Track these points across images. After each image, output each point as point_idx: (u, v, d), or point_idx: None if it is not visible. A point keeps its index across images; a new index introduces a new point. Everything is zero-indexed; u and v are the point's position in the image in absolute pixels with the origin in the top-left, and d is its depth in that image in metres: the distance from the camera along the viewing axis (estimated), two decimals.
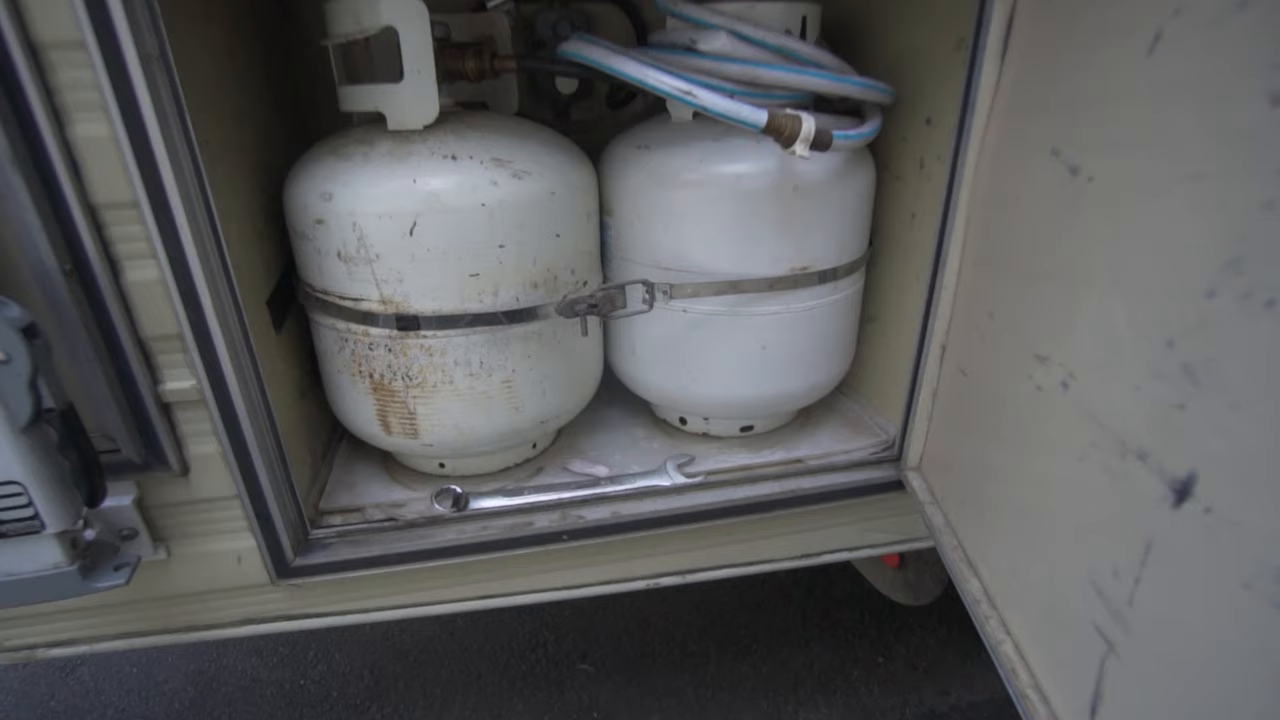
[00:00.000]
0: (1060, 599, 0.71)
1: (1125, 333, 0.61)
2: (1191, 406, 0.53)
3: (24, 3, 0.68)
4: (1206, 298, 0.52)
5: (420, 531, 1.05)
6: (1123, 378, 0.61)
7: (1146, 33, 0.59)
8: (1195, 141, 0.54)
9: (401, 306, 0.94)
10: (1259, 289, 0.48)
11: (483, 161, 0.92)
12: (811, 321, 1.12)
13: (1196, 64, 0.54)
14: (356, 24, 0.91)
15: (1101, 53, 0.66)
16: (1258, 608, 0.47)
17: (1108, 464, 0.62)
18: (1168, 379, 0.55)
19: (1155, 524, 0.57)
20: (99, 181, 0.76)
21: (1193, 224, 0.54)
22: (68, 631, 1.04)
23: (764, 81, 0.94)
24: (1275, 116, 0.47)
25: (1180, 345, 0.54)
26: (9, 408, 0.73)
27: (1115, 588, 0.61)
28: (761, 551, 1.22)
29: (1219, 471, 0.51)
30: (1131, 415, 0.60)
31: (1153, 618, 0.58)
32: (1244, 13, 0.50)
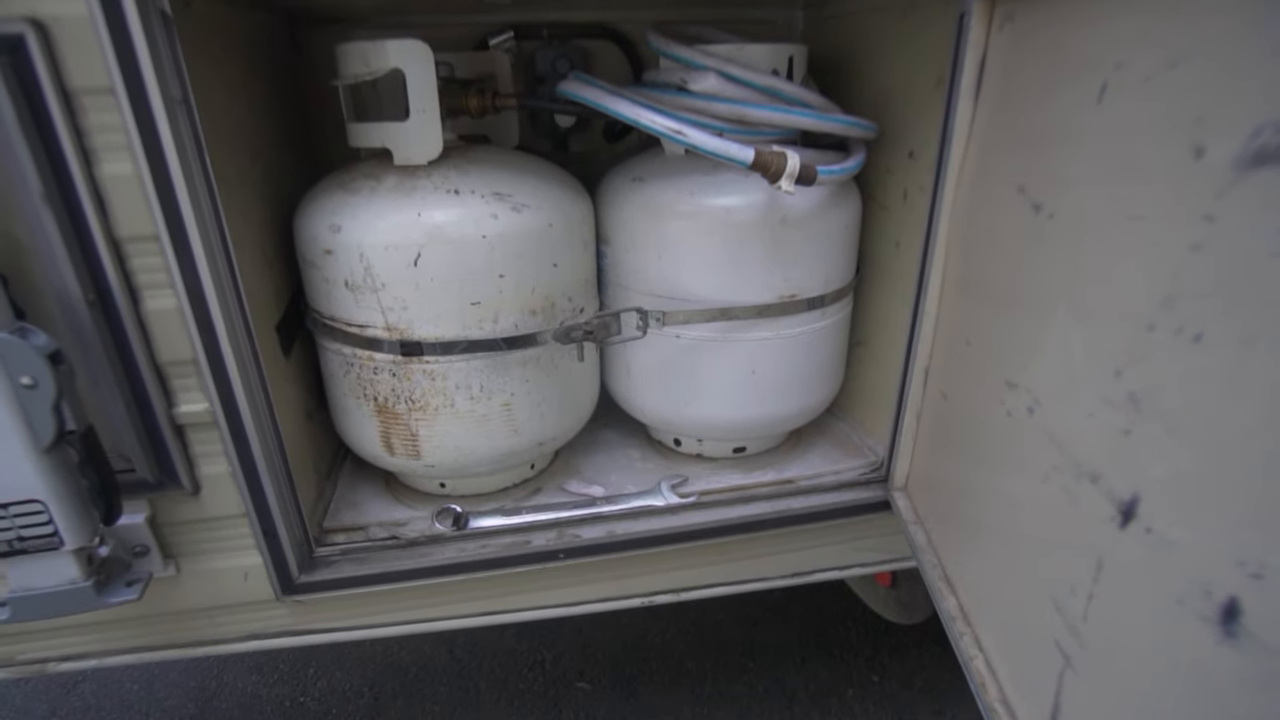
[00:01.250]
0: (1026, 615, 0.74)
1: (1082, 361, 0.65)
2: (1135, 432, 0.57)
3: (60, 53, 0.73)
4: (1147, 331, 0.56)
5: (421, 550, 1.09)
6: (1079, 404, 0.65)
7: (1095, 83, 0.64)
8: (1135, 185, 0.59)
9: (406, 333, 0.98)
10: (1189, 324, 0.52)
11: (484, 195, 0.97)
12: (800, 346, 1.16)
13: (1136, 114, 0.59)
14: (366, 66, 0.97)
15: (1058, 97, 0.71)
16: (1188, 623, 0.51)
17: (1066, 486, 0.66)
18: (1116, 406, 0.59)
19: (1105, 543, 0.60)
20: (122, 216, 0.81)
21: (1135, 261, 0.58)
22: (77, 646, 1.07)
23: (751, 120, 1.00)
24: (1199, 166, 0.51)
25: (1126, 375, 0.58)
26: (34, 429, 0.77)
27: (1072, 604, 0.65)
28: (754, 570, 1.25)
29: (1158, 494, 0.55)
30: (1086, 440, 0.64)
31: (1103, 633, 0.62)
32: (1174, 70, 0.55)
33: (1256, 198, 0.47)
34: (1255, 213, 0.47)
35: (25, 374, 0.75)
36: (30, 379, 0.76)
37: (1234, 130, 0.48)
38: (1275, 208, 0.46)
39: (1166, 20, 0.56)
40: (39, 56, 0.72)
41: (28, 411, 0.76)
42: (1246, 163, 0.47)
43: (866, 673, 1.91)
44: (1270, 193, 0.46)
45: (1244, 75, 0.49)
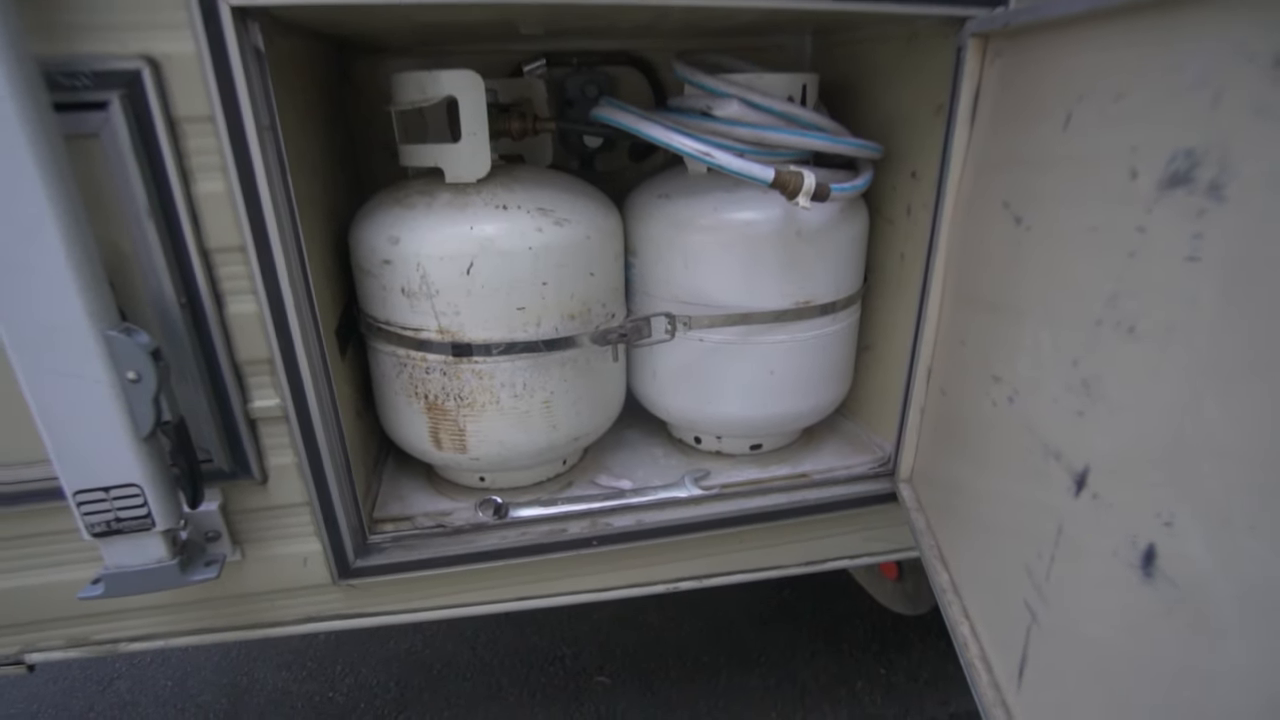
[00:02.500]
0: (1003, 582, 0.84)
1: (1048, 354, 0.75)
2: (1087, 413, 0.67)
3: (168, 85, 0.83)
4: (1096, 325, 0.66)
5: (466, 537, 1.17)
6: (1047, 392, 0.75)
7: (1063, 113, 0.74)
8: (1091, 200, 0.69)
9: (457, 336, 1.08)
10: (1126, 318, 0.62)
11: (529, 211, 1.07)
12: (814, 349, 1.25)
13: (1091, 140, 0.70)
14: (421, 93, 1.07)
15: (1036, 124, 0.82)
16: (1120, 570, 0.60)
17: (1037, 465, 0.76)
18: (1073, 391, 0.69)
19: (1064, 510, 0.70)
20: (213, 229, 0.90)
21: (1089, 266, 0.69)
22: (146, 628, 1.15)
23: (770, 142, 1.10)
24: (1134, 186, 0.61)
25: (1081, 364, 0.68)
26: (136, 419, 0.87)
27: (1039, 567, 0.74)
28: (771, 558, 1.33)
29: (1102, 464, 0.65)
30: (1051, 422, 0.74)
31: (1060, 589, 0.71)
32: (1118, 104, 0.65)
33: (1173, 213, 0.57)
34: (1173, 225, 0.57)
35: (131, 369, 0.85)
36: (135, 373, 0.85)
37: (1157, 157, 0.59)
38: (1185, 221, 0.56)
39: (1113, 60, 0.67)
40: (151, 89, 0.82)
41: (131, 403, 0.86)
42: (1165, 184, 0.58)
43: (874, 666, 1.99)
44: (1181, 209, 0.56)
45: (1165, 111, 0.60)
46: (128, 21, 0.80)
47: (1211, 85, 0.54)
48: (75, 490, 0.88)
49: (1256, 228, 0.50)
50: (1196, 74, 0.55)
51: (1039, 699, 0.75)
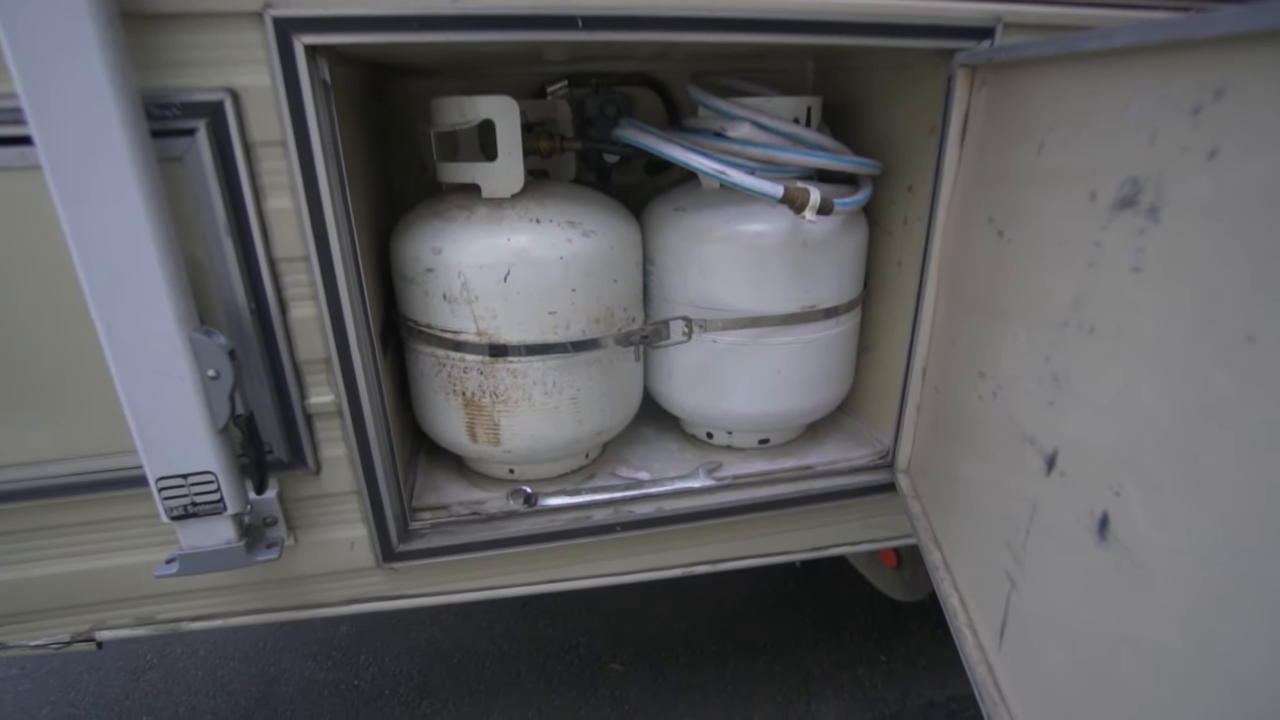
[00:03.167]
0: (987, 556, 0.94)
1: (1025, 352, 0.85)
2: (1056, 402, 0.78)
3: (246, 114, 0.93)
4: (1063, 326, 0.76)
5: (499, 524, 1.27)
6: (1023, 385, 0.85)
7: (1037, 139, 0.85)
8: (1059, 217, 0.80)
9: (494, 338, 1.18)
10: (1086, 320, 0.73)
11: (560, 223, 1.17)
12: (818, 350, 1.36)
13: (1060, 164, 0.80)
14: (461, 116, 1.17)
15: (1016, 147, 0.92)
16: (1081, 536, 0.71)
17: (1015, 450, 0.86)
18: (1045, 384, 0.80)
19: (1037, 489, 0.80)
20: (281, 241, 1.00)
21: (1058, 275, 0.79)
22: (205, 608, 1.24)
23: (779, 161, 1.20)
24: (1093, 206, 0.72)
25: (1051, 360, 0.79)
26: (213, 413, 0.97)
27: (1016, 539, 0.85)
28: (778, 544, 1.43)
29: (1068, 446, 0.76)
30: (1028, 412, 0.84)
31: (1034, 558, 0.82)
32: (1080, 134, 0.76)
33: (1122, 230, 0.68)
34: (1122, 241, 0.68)
35: (211, 367, 0.95)
36: (214, 371, 0.95)
37: (1110, 182, 0.70)
38: (1131, 237, 0.66)
39: (1076, 97, 0.78)
40: (231, 117, 0.92)
41: (210, 398, 0.96)
42: (1117, 205, 0.68)
43: (875, 653, 2.08)
44: (1128, 227, 0.67)
45: (1115, 143, 0.70)
46: (214, 58, 0.90)
47: (1149, 125, 0.65)
48: (158, 477, 0.98)
49: (1181, 244, 0.61)
50: (1138, 115, 0.66)
51: (1016, 655, 0.86)
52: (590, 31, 0.96)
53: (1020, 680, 0.85)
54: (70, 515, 1.11)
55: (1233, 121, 0.56)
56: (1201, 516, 0.58)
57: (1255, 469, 0.53)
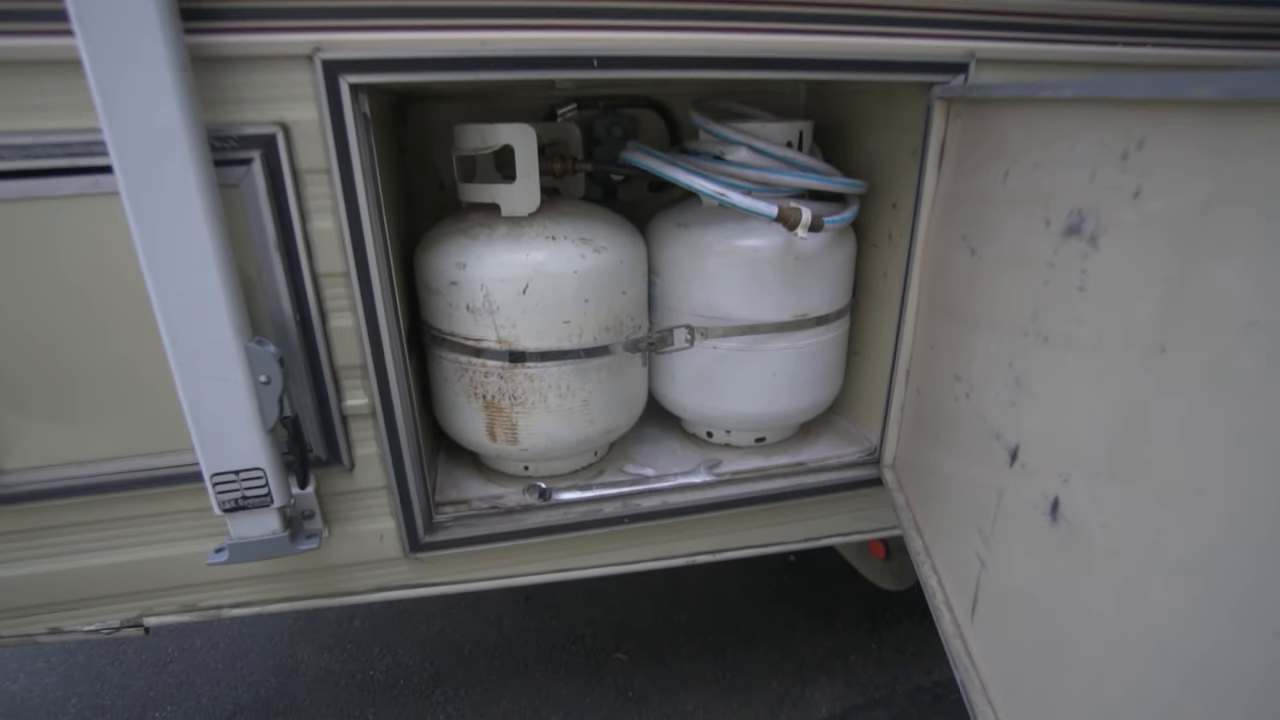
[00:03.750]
0: (961, 541, 1.05)
1: (993, 358, 0.97)
2: (1018, 403, 0.89)
3: (295, 145, 1.04)
4: (1024, 335, 0.88)
5: (516, 516, 1.38)
6: (991, 387, 0.96)
7: (1003, 168, 0.96)
8: (1020, 239, 0.91)
9: (514, 345, 1.28)
10: (1043, 331, 0.84)
11: (573, 240, 1.28)
12: (810, 355, 1.47)
13: (1021, 192, 0.92)
14: (483, 142, 1.28)
15: (986, 174, 1.04)
16: (1037, 519, 0.82)
17: (985, 446, 0.97)
18: (1009, 387, 0.91)
19: (1002, 479, 0.92)
20: (323, 258, 1.11)
21: (1019, 290, 0.90)
22: (244, 596, 1.34)
23: (773, 183, 1.32)
24: (1048, 231, 0.83)
25: (1014, 365, 0.90)
26: (264, 415, 1.07)
27: (985, 524, 0.96)
28: (774, 535, 1.54)
29: (1028, 442, 0.87)
30: (994, 411, 0.95)
31: (1000, 540, 0.93)
32: (1038, 168, 0.87)
33: (1070, 254, 0.79)
34: (1070, 262, 0.79)
35: (263, 373, 1.05)
36: (266, 377, 1.05)
37: (1061, 211, 0.81)
38: (1076, 260, 0.78)
39: (1034, 135, 0.89)
40: (283, 147, 1.03)
41: (261, 401, 1.06)
42: (1066, 232, 0.80)
43: (867, 641, 2.20)
44: (1075, 251, 0.78)
45: (1064, 178, 0.82)
46: (269, 96, 1.00)
47: (1089, 165, 0.76)
48: (213, 473, 1.08)
49: (1113, 268, 0.72)
50: (1081, 155, 0.77)
51: (985, 627, 0.97)
52: (604, 71, 1.07)
53: (988, 649, 0.96)
54: (123, 509, 1.21)
55: (1151, 167, 0.68)
56: (1130, 497, 0.69)
57: (1169, 457, 0.64)
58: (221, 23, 0.95)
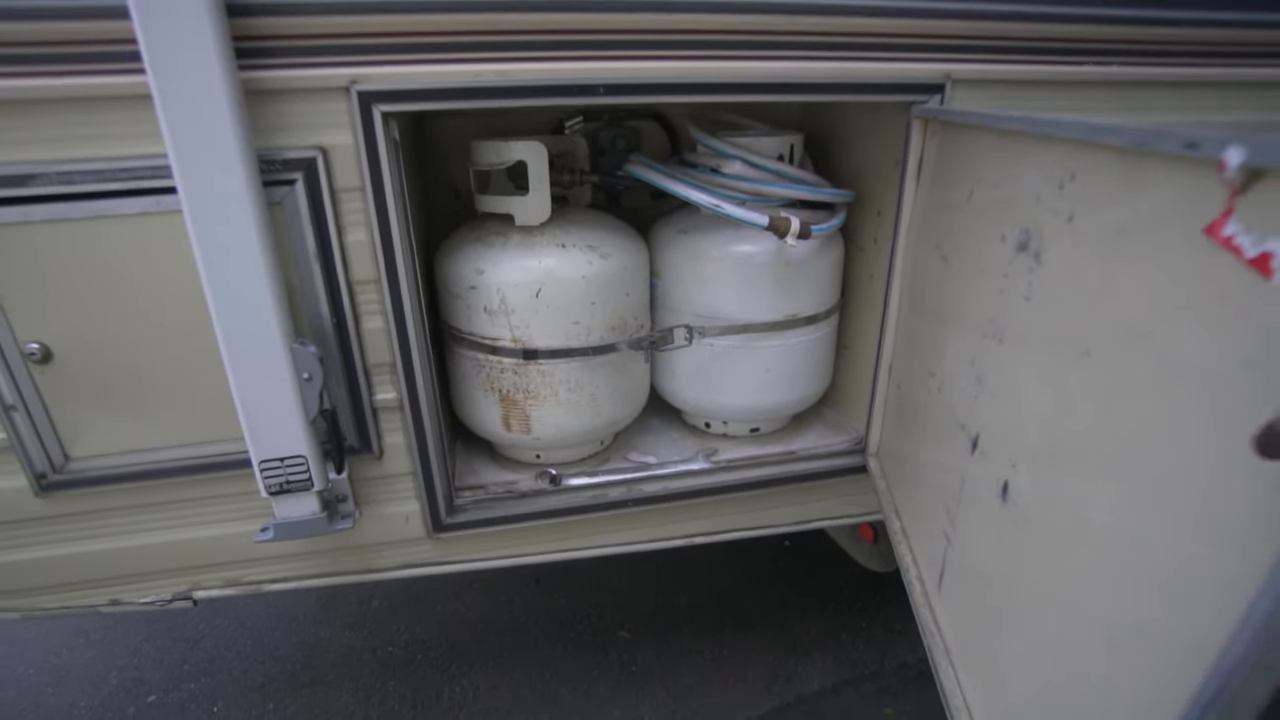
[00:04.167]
0: (931, 521, 1.17)
1: (960, 356, 1.08)
2: (979, 397, 1.00)
3: (333, 166, 1.15)
4: (983, 337, 0.99)
5: (530, 500, 1.50)
6: (958, 382, 1.08)
7: (968, 187, 1.08)
8: (981, 251, 1.02)
9: (527, 344, 1.40)
10: (997, 333, 0.96)
11: (582, 248, 1.39)
12: (801, 352, 1.59)
13: (982, 210, 1.03)
14: (498, 157, 1.39)
15: (954, 191, 1.15)
16: (991, 499, 0.94)
17: (952, 435, 1.09)
18: (972, 382, 1.03)
19: (965, 465, 1.03)
20: (357, 267, 1.23)
21: (980, 295, 1.02)
22: (283, 572, 1.47)
23: (765, 194, 1.43)
24: (1003, 246, 0.95)
25: (976, 363, 1.02)
26: (305, 407, 1.19)
27: (951, 506, 1.08)
28: (767, 519, 1.67)
29: (986, 431, 0.98)
30: (960, 404, 1.07)
31: (962, 518, 1.05)
32: (996, 190, 0.98)
33: (1020, 267, 0.91)
34: (1019, 275, 0.91)
35: (306, 371, 1.17)
36: (308, 374, 1.18)
37: (1013, 229, 0.92)
38: (1025, 273, 0.89)
39: (993, 157, 1.01)
40: (322, 168, 1.14)
41: (303, 396, 1.18)
42: (1017, 248, 0.91)
43: (857, 621, 2.33)
44: (1024, 265, 0.90)
45: (1016, 200, 0.93)
46: (310, 123, 1.12)
47: (1035, 190, 0.87)
48: (261, 460, 1.20)
49: (1052, 282, 0.83)
50: (1028, 182, 0.89)
51: (949, 597, 1.09)
52: (611, 97, 1.18)
53: (950, 615, 1.08)
54: (177, 493, 1.33)
55: (1081, 196, 0.79)
56: (1059, 480, 0.81)
57: (1092, 446, 0.76)
58: (270, 59, 1.07)
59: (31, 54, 1.01)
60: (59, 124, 1.05)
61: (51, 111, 1.04)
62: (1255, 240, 0.52)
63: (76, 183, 1.08)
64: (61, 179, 1.08)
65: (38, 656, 2.32)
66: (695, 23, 1.18)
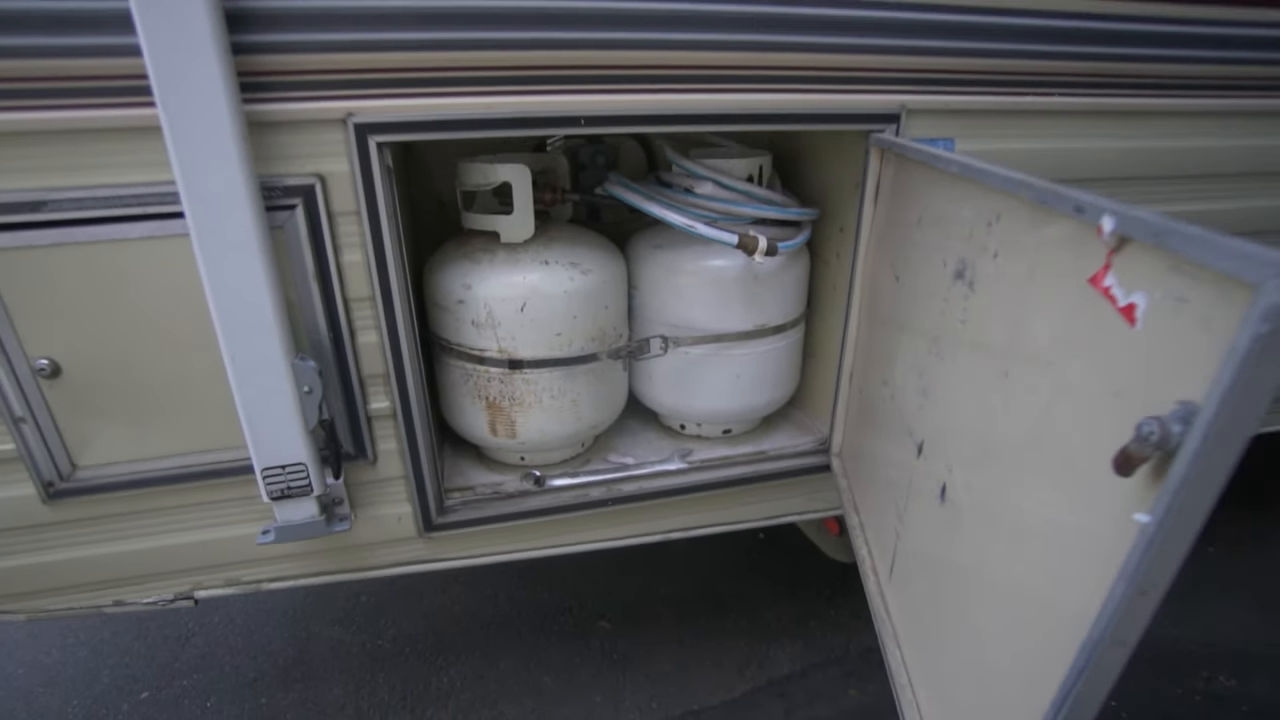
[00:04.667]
0: (884, 517, 1.29)
1: (909, 367, 1.20)
2: (924, 407, 1.12)
3: (330, 192, 1.23)
4: (928, 353, 1.11)
5: (515, 500, 1.60)
6: (908, 392, 1.20)
7: (917, 215, 1.19)
8: (927, 275, 1.14)
9: (513, 354, 1.49)
10: (938, 350, 1.07)
11: (564, 264, 1.49)
12: (769, 359, 1.70)
13: (929, 237, 1.14)
14: (484, 178, 1.48)
15: (906, 217, 1.26)
16: (931, 500, 1.06)
17: (903, 441, 1.21)
18: (918, 393, 1.14)
19: (912, 469, 1.15)
20: (353, 285, 1.31)
21: (926, 315, 1.14)
22: (280, 571, 1.55)
23: (735, 214, 1.53)
24: (944, 271, 1.06)
25: (922, 376, 1.13)
26: (305, 418, 1.27)
27: (900, 504, 1.20)
28: (739, 514, 1.78)
29: (929, 439, 1.10)
30: (909, 412, 1.19)
31: (910, 516, 1.17)
32: (939, 220, 1.10)
33: (957, 293, 1.02)
34: (956, 299, 1.02)
35: (306, 384, 1.25)
36: (308, 387, 1.25)
37: (952, 257, 1.04)
38: (960, 299, 1.01)
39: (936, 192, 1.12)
40: (320, 194, 1.22)
41: (304, 408, 1.26)
42: (955, 275, 1.03)
43: (825, 608, 2.46)
44: (960, 291, 1.01)
45: (954, 233, 1.04)
46: (309, 152, 1.19)
47: (969, 226, 0.99)
48: (264, 467, 1.28)
49: (981, 310, 0.95)
50: (965, 217, 1.00)
51: (898, 585, 1.21)
52: (591, 128, 1.28)
53: (899, 601, 1.21)
54: (178, 498, 1.40)
55: (1004, 236, 0.90)
56: (984, 482, 0.93)
57: (1007, 453, 0.88)
58: (273, 94, 1.14)
59: (46, 88, 1.07)
60: (71, 153, 1.12)
61: (64, 142, 1.11)
62: (1125, 292, 0.63)
63: (87, 208, 1.15)
64: (73, 205, 1.14)
65: (28, 656, 2.36)
66: (670, 59, 1.27)
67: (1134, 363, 0.62)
